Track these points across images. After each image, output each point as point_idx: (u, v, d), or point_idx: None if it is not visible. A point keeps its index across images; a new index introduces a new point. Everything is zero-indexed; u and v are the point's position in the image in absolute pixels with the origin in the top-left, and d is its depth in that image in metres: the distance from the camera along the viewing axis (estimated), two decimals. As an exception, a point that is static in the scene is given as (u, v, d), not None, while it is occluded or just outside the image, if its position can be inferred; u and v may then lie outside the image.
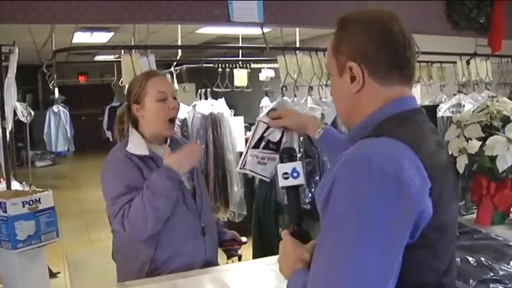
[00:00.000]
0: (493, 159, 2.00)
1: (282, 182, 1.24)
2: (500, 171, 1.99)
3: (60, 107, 8.36)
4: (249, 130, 6.15)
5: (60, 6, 2.51)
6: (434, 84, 4.75)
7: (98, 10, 2.58)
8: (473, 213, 2.34)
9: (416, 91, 5.22)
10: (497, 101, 2.14)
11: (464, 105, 3.77)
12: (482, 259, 1.60)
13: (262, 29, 3.08)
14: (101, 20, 2.63)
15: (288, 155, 1.26)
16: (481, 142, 2.01)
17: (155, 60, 3.86)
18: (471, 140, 2.04)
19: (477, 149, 2.00)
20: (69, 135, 8.46)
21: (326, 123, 1.73)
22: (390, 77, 1.10)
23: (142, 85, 2.00)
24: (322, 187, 1.00)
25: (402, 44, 1.10)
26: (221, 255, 2.29)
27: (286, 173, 1.23)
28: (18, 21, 2.48)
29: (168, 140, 2.13)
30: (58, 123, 8.24)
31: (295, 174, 1.23)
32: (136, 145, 1.97)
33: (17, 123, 5.29)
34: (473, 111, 2.16)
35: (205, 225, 2.04)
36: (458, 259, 1.66)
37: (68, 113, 8.67)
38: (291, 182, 1.23)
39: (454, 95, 4.06)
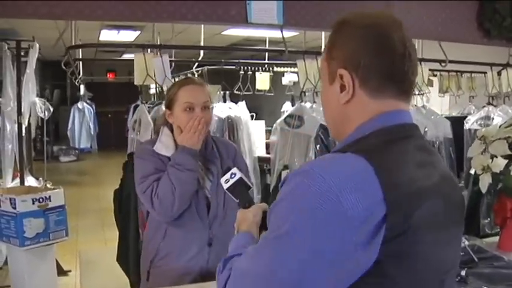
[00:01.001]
0: (519, 179, 1.85)
1: (225, 186, 1.43)
2: (527, 192, 1.84)
3: (84, 103, 8.42)
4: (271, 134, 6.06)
5: (85, 2, 2.46)
6: (463, 94, 4.58)
7: (111, 8, 2.51)
8: (496, 235, 2.18)
9: (445, 102, 5.05)
10: (527, 116, 1.98)
11: (493, 118, 3.59)
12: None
13: (281, 31, 2.97)
14: (127, 18, 2.57)
15: (227, 169, 1.46)
16: (507, 160, 1.86)
17: (176, 61, 3.81)
18: (496, 157, 1.89)
19: (502, 168, 1.85)
20: (92, 132, 8.50)
21: None
22: (382, 90, 0.98)
23: (174, 91, 2.02)
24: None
25: (401, 54, 0.97)
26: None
27: (227, 179, 1.43)
28: (42, 16, 2.44)
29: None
30: (82, 120, 8.30)
31: (232, 175, 1.43)
32: (163, 145, 2.02)
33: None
34: (500, 126, 2.00)
35: (215, 237, 2.02)
36: (474, 289, 1.52)
37: (92, 110, 8.72)
38: (231, 181, 1.42)
39: (484, 106, 3.88)
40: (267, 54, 5.89)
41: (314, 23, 2.96)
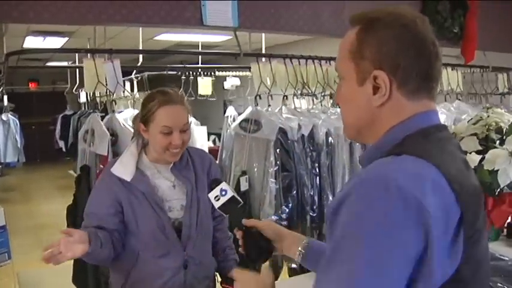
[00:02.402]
0: (492, 173, 1.90)
1: (216, 204, 1.40)
2: (502, 185, 1.88)
3: (9, 115, 7.90)
4: (207, 140, 5.95)
5: (15, 5, 2.26)
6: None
7: (58, 10, 2.34)
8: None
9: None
10: (492, 112, 2.03)
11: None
12: (499, 284, 1.47)
13: (235, 34, 2.91)
14: (64, 21, 2.39)
15: (215, 183, 1.42)
16: (481, 156, 1.90)
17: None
18: (469, 153, 1.92)
19: (477, 163, 1.89)
20: (19, 145, 7.99)
21: (307, 240, 1.37)
22: (420, 92, 0.96)
23: (153, 110, 1.85)
24: (334, 201, 0.91)
25: (435, 54, 0.96)
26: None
27: (217, 196, 1.39)
28: None
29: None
30: (7, 133, 7.77)
31: (223, 193, 1.39)
32: (122, 166, 1.90)
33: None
34: (468, 123, 2.05)
35: (190, 258, 1.92)
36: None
37: (17, 121, 8.21)
38: (223, 200, 1.38)
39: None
40: (200, 57, 5.81)
41: (269, 25, 2.92)
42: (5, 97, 7.78)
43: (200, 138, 4.66)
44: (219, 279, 2.16)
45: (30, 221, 7.06)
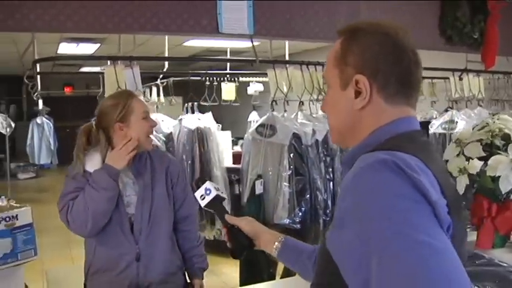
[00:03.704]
0: (495, 179, 1.91)
1: (202, 203, 1.47)
2: (503, 192, 1.89)
3: (44, 118, 8.17)
4: (236, 144, 6.07)
5: (42, 14, 2.39)
6: (425, 100, 4.70)
7: (81, 19, 2.46)
8: (473, 235, 2.23)
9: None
10: (498, 119, 2.04)
11: (457, 122, 3.70)
12: (489, 289, 1.49)
13: (252, 41, 2.98)
14: (84, 30, 2.51)
15: (201, 182, 1.50)
16: (482, 162, 1.92)
17: (140, 73, 3.75)
18: (472, 159, 1.94)
19: (478, 169, 1.90)
20: (52, 148, 8.25)
21: (283, 237, 1.42)
22: (398, 96, 1.01)
23: (127, 104, 2.07)
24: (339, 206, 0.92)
25: (415, 61, 1.01)
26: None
27: (202, 195, 1.47)
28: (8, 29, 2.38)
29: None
30: (41, 135, 8.04)
31: (208, 192, 1.46)
32: (89, 159, 2.07)
33: (1, 134, 5.12)
34: (473, 129, 2.06)
35: (142, 252, 2.06)
36: None
37: (52, 124, 8.47)
38: (208, 198, 1.46)
39: (446, 110, 3.99)
40: (228, 64, 5.91)
41: (284, 32, 2.98)
42: (40, 101, 8.05)
43: (223, 142, 4.75)
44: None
45: (60, 221, 7.27)
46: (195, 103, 4.22)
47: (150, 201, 2.09)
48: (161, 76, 5.14)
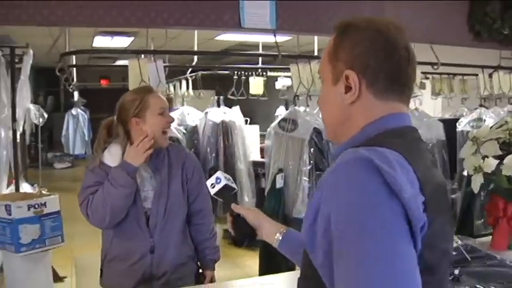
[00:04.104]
0: (511, 179, 1.87)
1: (212, 191, 1.54)
2: (519, 192, 1.86)
3: (78, 110, 8.40)
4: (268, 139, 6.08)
5: (78, 9, 2.48)
6: (456, 97, 4.61)
7: (104, 13, 2.53)
8: (489, 235, 2.19)
9: (437, 104, 5.09)
10: (517, 117, 2.00)
11: (485, 120, 3.62)
12: (495, 289, 1.47)
13: (275, 36, 2.99)
14: (108, 24, 2.58)
15: (213, 170, 1.53)
16: (498, 161, 1.88)
17: (168, 66, 3.82)
18: (487, 157, 1.90)
19: (494, 168, 1.87)
20: (86, 138, 8.47)
21: (286, 229, 1.44)
22: (389, 93, 1.01)
23: (144, 100, 2.11)
24: (312, 204, 0.93)
25: (406, 58, 1.01)
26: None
27: (213, 184, 1.53)
28: (36, 23, 2.46)
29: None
30: (76, 126, 8.27)
31: (218, 181, 1.53)
32: (110, 155, 2.11)
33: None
34: (491, 127, 2.03)
35: (156, 244, 2.12)
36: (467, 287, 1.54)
37: (86, 116, 8.70)
38: (217, 187, 1.53)
39: (476, 108, 3.92)
40: (260, 58, 5.92)
41: (307, 27, 2.98)
42: (75, 93, 8.29)
43: (251, 136, 4.79)
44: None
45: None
46: (221, 97, 4.27)
47: (166, 197, 2.15)
48: (190, 70, 5.21)
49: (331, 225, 0.86)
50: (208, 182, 1.55)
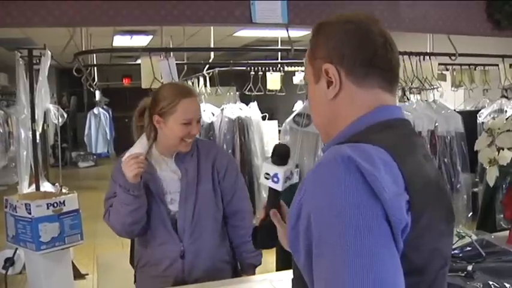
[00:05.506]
0: (527, 171, 1.82)
1: (262, 179, 1.24)
2: (534, 185, 1.80)
3: (100, 109, 8.50)
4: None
5: (91, 8, 2.49)
6: (477, 88, 4.51)
7: (116, 13, 2.54)
8: (507, 229, 2.13)
9: (459, 96, 4.99)
10: (534, 108, 1.94)
11: (506, 111, 3.54)
12: (507, 286, 1.43)
13: (287, 30, 2.96)
14: (120, 23, 2.59)
15: (277, 157, 1.20)
16: (512, 153, 1.83)
17: (187, 63, 3.84)
18: (503, 150, 1.85)
19: (509, 160, 1.82)
20: (108, 137, 8.57)
21: None
22: (369, 78, 0.99)
23: (173, 103, 1.95)
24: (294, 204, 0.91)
25: (382, 44, 0.99)
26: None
27: (268, 174, 1.19)
28: (49, 24, 2.47)
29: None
30: (98, 125, 8.38)
31: (275, 179, 1.20)
32: (141, 145, 2.04)
33: (63, 125, 5.37)
34: (507, 119, 1.97)
35: (187, 249, 2.03)
36: (479, 284, 1.50)
37: (108, 115, 8.80)
38: (269, 184, 1.21)
39: (497, 99, 3.83)
40: (279, 54, 5.89)
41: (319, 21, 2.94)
42: (97, 92, 8.38)
43: (269, 132, 4.76)
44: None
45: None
46: (237, 93, 4.26)
47: (194, 199, 2.03)
48: (207, 66, 5.21)
49: (311, 225, 0.84)
50: (265, 167, 1.23)
